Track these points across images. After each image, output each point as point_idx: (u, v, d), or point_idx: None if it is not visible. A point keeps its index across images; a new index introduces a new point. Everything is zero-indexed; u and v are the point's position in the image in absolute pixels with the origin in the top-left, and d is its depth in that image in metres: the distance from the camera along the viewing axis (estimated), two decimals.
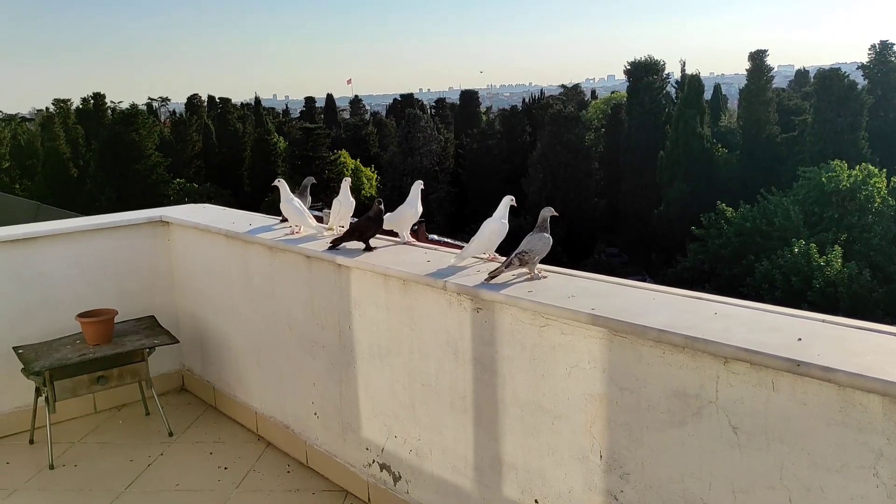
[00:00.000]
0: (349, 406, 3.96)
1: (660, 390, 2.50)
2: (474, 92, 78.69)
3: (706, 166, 49.19)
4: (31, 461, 4.51)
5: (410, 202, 3.87)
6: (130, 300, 5.20)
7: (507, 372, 3.04)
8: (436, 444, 3.46)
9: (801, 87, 63.41)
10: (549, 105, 59.70)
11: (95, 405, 5.19)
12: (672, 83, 57.49)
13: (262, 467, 4.39)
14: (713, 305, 2.63)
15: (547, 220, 3.25)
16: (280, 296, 4.36)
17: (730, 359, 2.28)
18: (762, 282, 32.39)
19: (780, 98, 56.10)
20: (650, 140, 52.52)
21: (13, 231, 4.93)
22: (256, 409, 4.78)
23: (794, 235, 33.75)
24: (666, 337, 2.42)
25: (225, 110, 69.99)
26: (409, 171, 57.60)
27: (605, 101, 71.35)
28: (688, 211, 44.61)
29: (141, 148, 59.14)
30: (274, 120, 73.91)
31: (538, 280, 3.09)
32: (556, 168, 51.83)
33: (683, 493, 2.47)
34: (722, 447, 2.35)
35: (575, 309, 2.69)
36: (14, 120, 71.43)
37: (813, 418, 2.13)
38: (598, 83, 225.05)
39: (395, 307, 3.53)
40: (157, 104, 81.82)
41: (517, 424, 3.04)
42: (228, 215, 5.20)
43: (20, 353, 4.55)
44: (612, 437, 2.69)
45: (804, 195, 37.65)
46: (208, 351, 5.22)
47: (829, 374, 2.05)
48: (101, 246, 5.18)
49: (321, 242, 4.01)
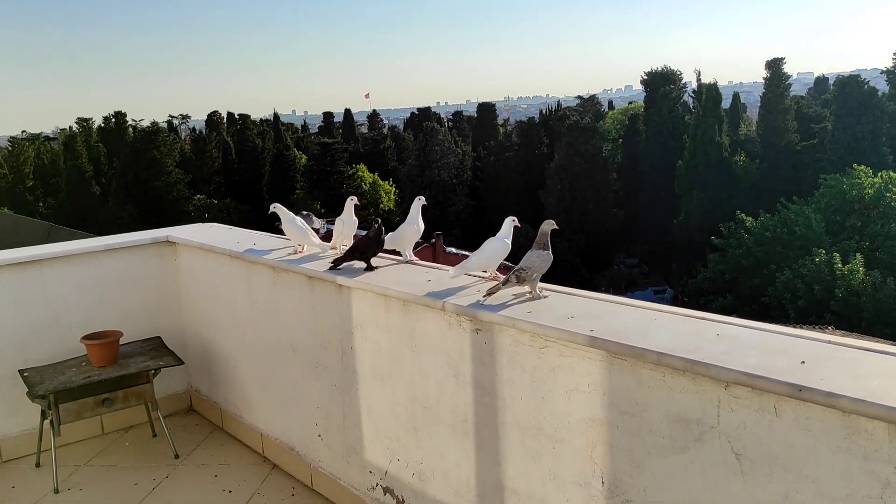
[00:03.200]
0: (352, 428, 3.91)
1: (661, 415, 2.42)
2: (491, 104, 78.88)
3: (725, 175, 48.86)
4: (36, 485, 4.49)
5: (411, 220, 3.82)
6: (137, 321, 5.19)
7: (507, 395, 2.97)
8: (438, 468, 3.39)
9: (820, 94, 62.95)
10: (566, 116, 59.67)
11: (103, 427, 5.18)
12: (689, 93, 57.24)
13: (266, 490, 4.34)
14: (716, 326, 2.55)
15: (547, 235, 3.14)
16: (283, 316, 4.32)
17: (731, 383, 2.20)
18: (784, 291, 32.03)
19: (800, 106, 55.63)
20: (668, 150, 52.30)
21: (20, 254, 4.94)
22: (262, 430, 4.74)
23: (816, 244, 33.36)
24: (666, 360, 2.34)
25: (244, 126, 70.61)
26: (426, 184, 57.79)
27: (622, 112, 71.20)
28: (707, 221, 44.33)
29: (161, 165, 59.90)
30: (293, 135, 74.60)
31: (538, 300, 3.02)
32: (574, 179, 51.74)
33: None
34: (725, 474, 2.27)
35: (573, 331, 2.62)
36: (38, 139, 72.46)
37: (818, 445, 2.05)
38: (615, 94, 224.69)
39: (396, 328, 3.47)
40: (177, 121, 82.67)
41: (518, 449, 2.97)
42: (234, 235, 5.19)
43: (25, 376, 4.55)
44: (613, 462, 2.61)
45: (826, 203, 37.25)
46: (215, 371, 5.19)
47: (832, 399, 1.96)
48: (108, 267, 5.18)
49: (323, 262, 3.97)
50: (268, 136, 70.25)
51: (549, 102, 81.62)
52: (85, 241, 5.38)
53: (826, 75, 72.18)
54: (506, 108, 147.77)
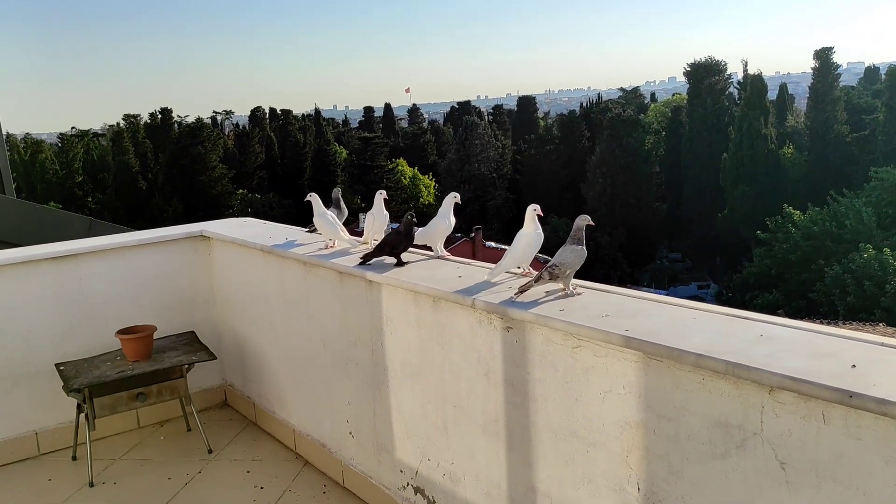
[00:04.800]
0: (383, 426, 3.84)
1: (700, 419, 2.29)
2: (532, 98, 78.45)
3: (772, 168, 47.80)
4: (72, 478, 4.52)
5: (442, 214, 3.73)
6: (172, 315, 5.20)
7: (539, 395, 2.87)
8: (469, 469, 3.31)
9: (871, 84, 61.18)
10: (607, 109, 58.94)
11: (139, 420, 5.20)
12: (734, 84, 56.10)
13: (298, 487, 4.30)
14: (759, 326, 2.41)
15: (582, 230, 3.02)
16: (314, 311, 4.27)
17: (775, 388, 2.06)
18: (833, 287, 31.15)
19: (850, 96, 54.18)
20: (712, 142, 51.35)
21: (56, 248, 4.98)
22: (294, 426, 4.71)
23: (867, 239, 32.37)
24: (705, 362, 2.21)
25: (286, 122, 71.31)
26: (466, 178, 57.69)
27: (665, 104, 70.15)
28: (753, 215, 43.43)
29: (206, 160, 60.77)
30: (333, 130, 75.03)
31: (572, 297, 2.91)
32: (616, 173, 51.09)
33: None
34: (769, 483, 2.14)
35: (607, 330, 2.50)
36: (87, 136, 74.11)
37: (869, 455, 1.91)
38: (657, 86, 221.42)
39: (426, 325, 3.39)
40: (221, 117, 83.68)
41: (551, 451, 2.86)
42: (267, 230, 5.16)
43: (61, 370, 4.58)
44: (650, 468, 2.49)
45: (877, 196, 36.15)
46: (248, 366, 5.18)
47: (885, 406, 1.82)
48: (143, 261, 5.19)
49: (353, 258, 3.91)
50: (309, 131, 70.83)
51: (590, 95, 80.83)
52: (120, 236, 5.40)
53: (877, 65, 70.16)
54: (546, 102, 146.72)
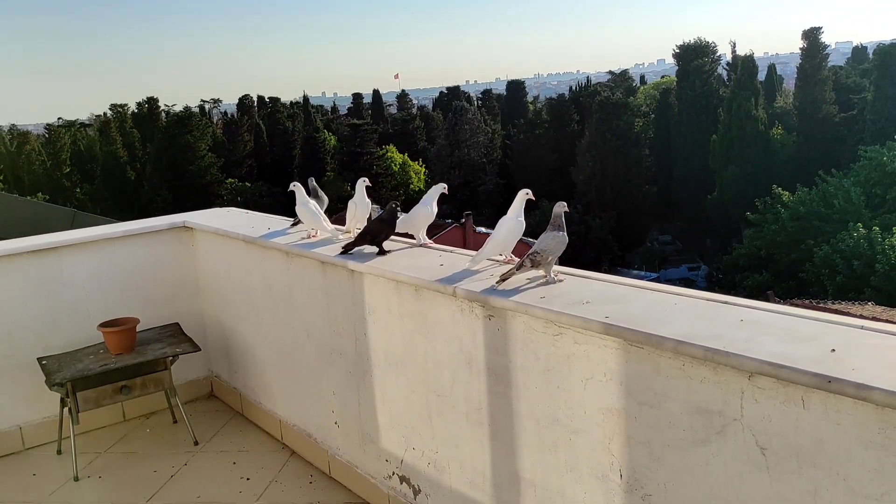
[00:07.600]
0: (368, 416, 3.82)
1: (680, 405, 2.28)
2: (521, 82, 78.20)
3: (761, 149, 47.88)
4: (57, 472, 4.48)
5: (425, 202, 3.70)
6: (155, 307, 5.16)
7: (521, 383, 2.85)
8: (453, 458, 3.29)
9: (859, 64, 61.25)
10: (596, 92, 58.83)
11: (124, 413, 5.17)
12: (723, 65, 56.06)
13: (284, 478, 4.28)
14: (739, 311, 2.40)
15: (561, 217, 3.00)
16: (298, 301, 4.24)
17: (755, 373, 2.05)
18: (822, 267, 31.34)
19: (838, 76, 54.22)
20: (702, 124, 51.38)
21: (37, 241, 4.91)
22: (281, 417, 4.68)
23: (856, 218, 32.56)
24: (684, 348, 2.20)
25: (275, 109, 70.83)
26: (456, 163, 57.56)
27: (654, 86, 70.15)
28: (742, 196, 43.55)
29: (194, 149, 60.39)
30: (322, 117, 74.61)
31: (553, 284, 2.89)
32: (606, 156, 51.02)
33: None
34: (749, 469, 2.13)
35: (587, 317, 2.48)
36: (74, 126, 73.47)
37: (849, 440, 1.90)
38: (647, 68, 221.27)
39: (408, 314, 3.37)
40: (209, 106, 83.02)
41: (534, 439, 2.85)
42: (249, 219, 5.11)
43: (44, 364, 4.53)
44: (632, 454, 2.48)
45: (865, 176, 36.32)
46: (234, 357, 5.15)
47: (863, 391, 1.81)
48: (125, 253, 5.14)
49: (335, 247, 3.87)
50: (298, 118, 70.36)
51: (579, 78, 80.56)
52: (102, 228, 5.34)
53: (864, 44, 70.22)
54: (536, 86, 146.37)
